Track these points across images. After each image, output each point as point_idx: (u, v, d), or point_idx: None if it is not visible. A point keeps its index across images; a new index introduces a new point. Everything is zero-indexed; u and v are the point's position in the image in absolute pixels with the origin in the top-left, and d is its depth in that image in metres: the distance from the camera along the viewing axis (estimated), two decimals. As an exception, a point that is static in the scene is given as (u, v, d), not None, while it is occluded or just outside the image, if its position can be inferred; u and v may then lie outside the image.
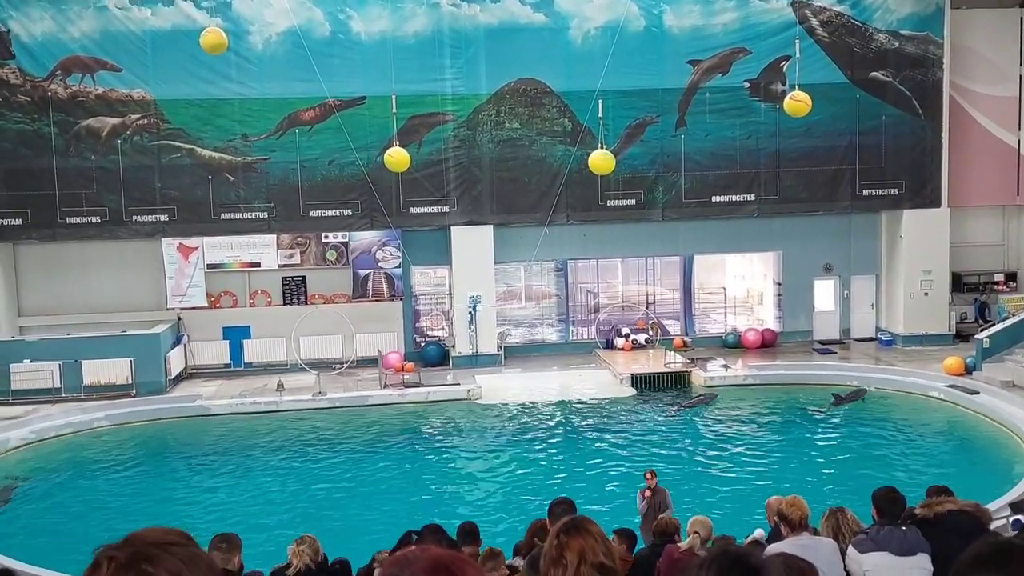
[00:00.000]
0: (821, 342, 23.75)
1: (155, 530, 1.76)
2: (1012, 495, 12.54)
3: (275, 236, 22.56)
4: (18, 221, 20.97)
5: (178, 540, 1.73)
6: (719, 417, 18.76)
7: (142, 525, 1.83)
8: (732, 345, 23.51)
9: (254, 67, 21.15)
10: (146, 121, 21.09)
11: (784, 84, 21.65)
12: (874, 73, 22.64)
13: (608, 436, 17.68)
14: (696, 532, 7.18)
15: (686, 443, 17.27)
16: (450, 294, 23.06)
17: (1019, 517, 8.00)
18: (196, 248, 22.37)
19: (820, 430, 18.01)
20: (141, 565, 1.64)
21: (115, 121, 20.97)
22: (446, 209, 22.12)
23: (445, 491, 15.18)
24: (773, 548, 5.73)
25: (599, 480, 15.31)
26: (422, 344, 23.18)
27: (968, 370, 19.78)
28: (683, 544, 7.18)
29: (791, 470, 15.60)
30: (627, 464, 15.88)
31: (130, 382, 20.02)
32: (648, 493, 10.92)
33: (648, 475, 11.13)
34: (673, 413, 18.96)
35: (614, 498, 14.09)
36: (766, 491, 12.51)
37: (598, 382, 20.97)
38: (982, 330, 20.87)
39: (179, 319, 22.29)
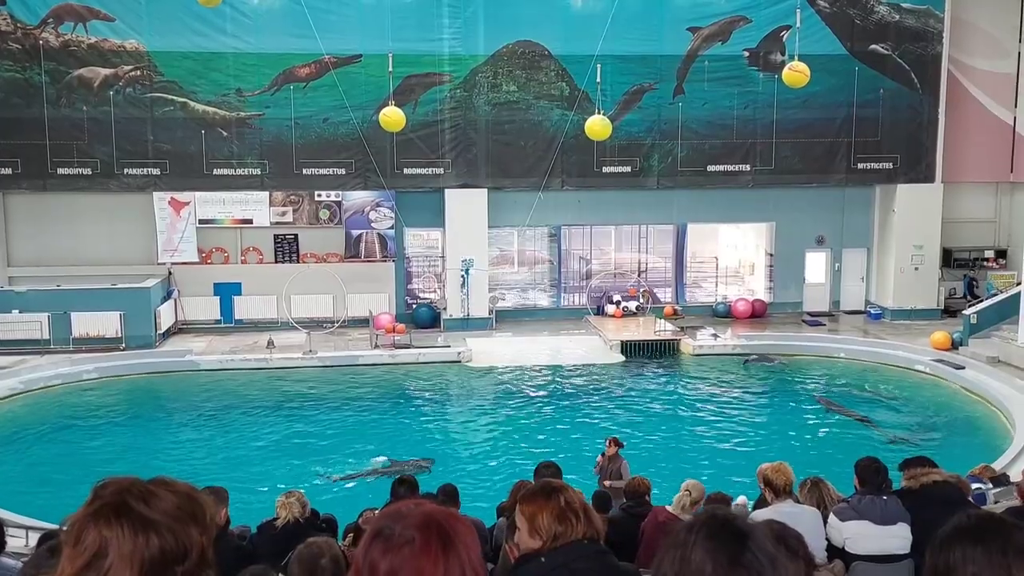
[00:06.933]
0: (811, 314, 23.86)
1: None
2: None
3: (268, 193, 22.43)
4: (8, 171, 20.77)
5: (173, 482, 1.74)
6: (707, 385, 18.92)
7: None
8: (722, 314, 23.62)
9: (250, 21, 20.87)
10: (139, 73, 20.82)
11: (783, 54, 21.51)
12: (874, 46, 22.49)
13: (596, 401, 17.83)
14: (688, 491, 7.26)
15: (673, 409, 17.44)
16: (443, 257, 23.02)
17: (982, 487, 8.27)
18: (188, 203, 22.24)
19: (805, 401, 18.17)
20: (136, 503, 1.65)
21: (107, 72, 20.71)
22: (440, 171, 22.00)
23: (433, 452, 15.28)
24: (758, 515, 5.82)
25: (585, 444, 15.43)
26: (414, 306, 23.20)
27: (955, 345, 19.93)
28: (671, 507, 7.26)
29: (775, 438, 15.79)
30: (614, 428, 15.99)
31: (119, 335, 20.01)
32: (601, 459, 10.95)
33: (609, 442, 11.03)
34: (745, 362, 20.18)
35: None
36: (750, 458, 12.68)
37: (588, 348, 21.07)
38: (970, 306, 21.00)
39: (170, 274, 22.22)
